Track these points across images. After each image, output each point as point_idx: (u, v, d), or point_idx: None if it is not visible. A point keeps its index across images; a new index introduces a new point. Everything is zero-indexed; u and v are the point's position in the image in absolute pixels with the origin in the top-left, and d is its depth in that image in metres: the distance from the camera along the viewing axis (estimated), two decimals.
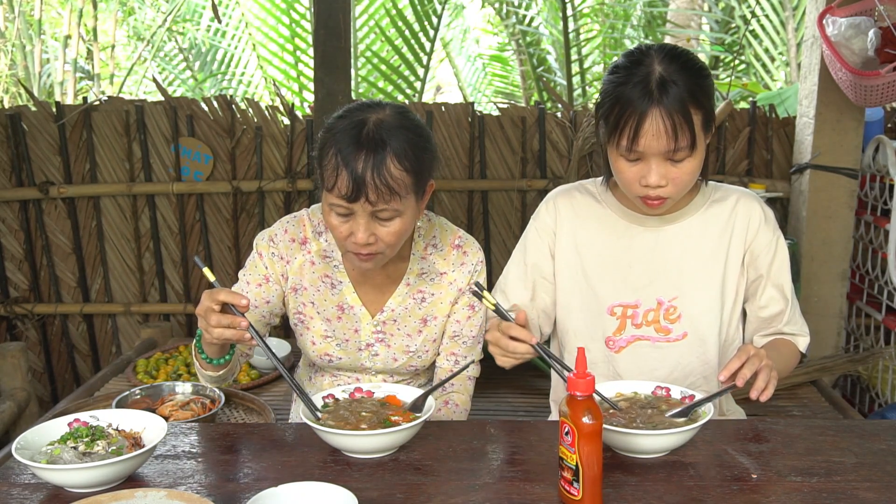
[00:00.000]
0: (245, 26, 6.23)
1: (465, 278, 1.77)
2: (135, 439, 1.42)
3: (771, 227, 1.74)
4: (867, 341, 3.13)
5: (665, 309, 1.73)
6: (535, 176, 3.46)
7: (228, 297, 1.44)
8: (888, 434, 1.51)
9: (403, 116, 1.59)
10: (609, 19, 6.55)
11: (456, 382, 1.81)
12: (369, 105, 1.60)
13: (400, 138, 1.54)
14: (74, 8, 5.82)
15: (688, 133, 1.53)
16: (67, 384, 3.79)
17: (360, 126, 1.53)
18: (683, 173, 1.57)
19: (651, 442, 1.39)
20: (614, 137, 1.57)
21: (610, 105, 1.57)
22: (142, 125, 3.46)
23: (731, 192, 1.76)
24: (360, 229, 1.54)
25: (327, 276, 1.76)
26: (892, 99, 2.64)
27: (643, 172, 1.57)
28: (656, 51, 1.58)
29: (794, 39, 5.37)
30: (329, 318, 1.77)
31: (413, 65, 5.34)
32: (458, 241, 1.79)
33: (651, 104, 1.51)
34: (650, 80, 1.53)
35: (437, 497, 1.29)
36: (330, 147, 1.54)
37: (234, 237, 3.57)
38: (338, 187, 1.51)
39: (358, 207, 1.53)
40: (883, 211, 2.99)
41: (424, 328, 1.78)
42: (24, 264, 3.62)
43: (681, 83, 1.52)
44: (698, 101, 1.54)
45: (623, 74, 1.57)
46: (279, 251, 1.74)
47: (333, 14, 3.17)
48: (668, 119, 1.51)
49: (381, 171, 1.50)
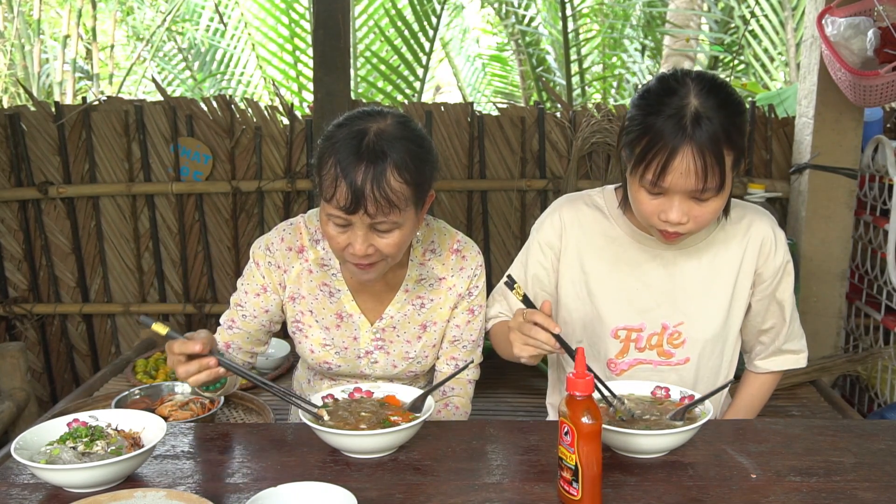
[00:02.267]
0: (244, 26, 6.23)
1: (465, 283, 1.75)
2: (134, 439, 1.42)
3: (781, 251, 1.70)
4: (866, 341, 3.13)
5: (669, 333, 1.71)
6: (535, 176, 3.46)
7: (183, 348, 1.44)
8: (887, 434, 1.51)
9: (405, 126, 1.55)
10: (608, 19, 6.56)
11: (456, 386, 1.80)
12: (370, 113, 1.56)
13: (401, 149, 1.50)
14: (73, 8, 5.82)
15: (718, 174, 1.45)
16: (67, 384, 3.79)
17: (361, 136, 1.50)
18: (707, 212, 1.51)
19: (651, 442, 1.39)
20: (639, 169, 1.49)
21: (638, 135, 1.48)
22: (141, 125, 3.46)
23: (744, 211, 1.71)
24: (358, 241, 1.52)
25: (325, 284, 1.74)
26: (891, 99, 2.64)
27: (664, 207, 1.51)
28: (693, 80, 1.48)
29: (793, 39, 5.37)
30: (328, 326, 1.76)
31: (412, 65, 5.34)
32: (456, 245, 1.76)
33: (683, 140, 1.42)
34: (685, 114, 1.43)
35: (437, 497, 1.29)
36: (329, 156, 1.51)
37: (233, 237, 3.56)
38: (336, 198, 1.49)
39: (356, 219, 1.50)
40: (882, 211, 2.99)
41: (424, 334, 1.77)
42: (24, 264, 3.62)
43: (716, 120, 1.43)
44: (733, 140, 1.45)
45: (655, 103, 1.47)
46: (276, 260, 1.72)
47: (333, 14, 3.17)
48: (699, 158, 1.43)
49: (381, 184, 1.47)
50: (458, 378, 1.80)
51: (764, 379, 1.84)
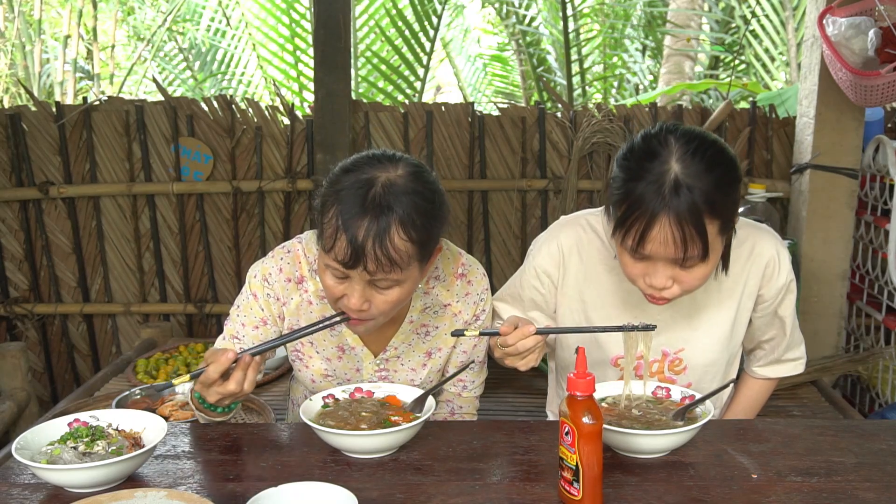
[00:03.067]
0: (245, 26, 6.24)
1: (471, 309, 1.70)
2: (135, 439, 1.42)
3: (785, 271, 1.66)
4: (867, 341, 3.13)
5: (670, 360, 1.70)
6: (535, 176, 3.46)
7: (218, 367, 1.41)
8: (888, 434, 1.51)
9: (416, 178, 1.45)
10: (609, 19, 6.56)
11: (464, 405, 1.81)
12: (380, 159, 1.47)
13: (408, 205, 1.41)
14: (74, 8, 5.82)
15: (699, 243, 1.38)
16: (67, 384, 3.79)
17: (368, 186, 1.41)
18: (693, 278, 1.45)
19: (651, 442, 1.39)
20: (620, 233, 1.44)
21: (618, 199, 1.42)
22: (142, 125, 3.46)
23: (747, 232, 1.65)
24: (355, 295, 1.45)
25: (325, 316, 1.65)
26: (892, 99, 2.64)
27: (648, 271, 1.46)
28: (678, 139, 1.40)
29: (794, 39, 5.38)
30: (329, 357, 1.71)
31: (413, 65, 5.34)
32: (461, 269, 1.69)
33: (661, 210, 1.36)
34: (664, 182, 1.36)
35: (437, 497, 1.29)
36: (332, 205, 1.43)
37: (233, 237, 3.56)
38: (335, 252, 1.41)
39: (355, 274, 1.43)
40: (883, 211, 2.98)
41: (429, 361, 1.73)
42: (24, 264, 3.62)
43: (697, 189, 1.36)
44: (715, 209, 1.38)
45: (636, 166, 1.41)
46: (275, 292, 1.65)
47: (333, 14, 3.18)
48: (677, 228, 1.36)
49: (384, 241, 1.39)
50: (465, 396, 1.80)
51: (763, 382, 1.85)
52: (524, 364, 1.48)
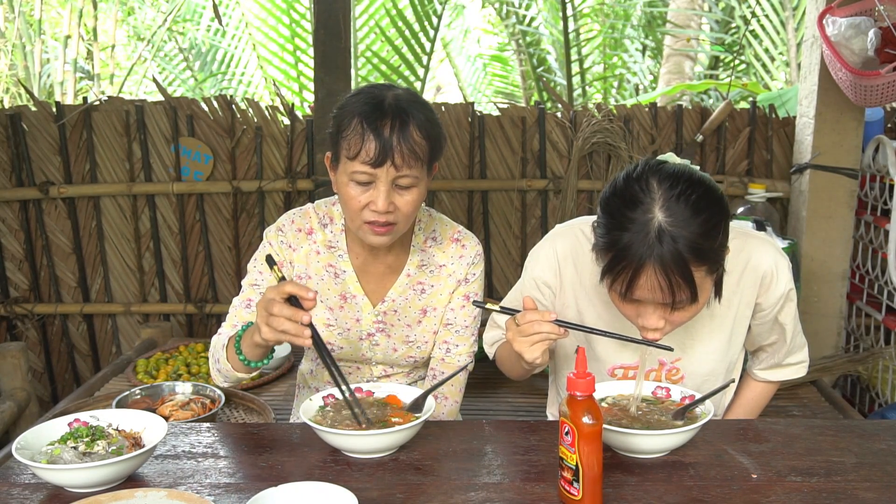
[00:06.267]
0: (245, 26, 6.24)
1: (463, 270, 1.80)
2: (135, 439, 1.42)
3: (783, 281, 1.64)
4: (867, 341, 3.13)
5: (667, 370, 1.70)
6: (535, 176, 3.46)
7: (294, 290, 1.43)
8: (888, 434, 1.51)
9: (416, 95, 1.66)
10: (609, 19, 6.56)
11: (446, 371, 1.81)
12: (379, 86, 1.66)
13: (419, 110, 1.60)
14: (74, 8, 5.81)
15: (687, 290, 1.38)
16: (67, 384, 3.79)
17: (380, 98, 1.59)
18: (686, 316, 1.47)
19: (651, 442, 1.39)
20: (608, 279, 1.44)
21: (603, 247, 1.43)
22: (142, 125, 3.46)
23: (745, 241, 1.63)
24: (381, 197, 1.57)
25: (331, 265, 1.79)
26: (892, 99, 2.64)
27: (640, 312, 1.47)
28: (661, 183, 1.38)
29: (794, 39, 5.38)
30: (332, 306, 1.80)
31: (413, 65, 5.35)
32: (457, 235, 1.82)
33: (647, 259, 1.35)
34: (648, 231, 1.35)
35: (437, 497, 1.29)
36: (352, 117, 1.58)
37: (234, 237, 3.56)
38: (364, 151, 1.55)
39: (381, 173, 1.56)
40: (883, 211, 2.99)
41: (424, 318, 1.81)
42: (24, 264, 3.62)
43: (682, 238, 1.34)
44: (702, 255, 1.37)
45: (619, 215, 1.39)
46: (287, 239, 1.78)
47: (333, 14, 3.17)
48: (663, 277, 1.36)
49: (407, 137, 1.56)
50: (448, 362, 1.81)
51: (764, 385, 1.85)
52: (530, 352, 1.45)
